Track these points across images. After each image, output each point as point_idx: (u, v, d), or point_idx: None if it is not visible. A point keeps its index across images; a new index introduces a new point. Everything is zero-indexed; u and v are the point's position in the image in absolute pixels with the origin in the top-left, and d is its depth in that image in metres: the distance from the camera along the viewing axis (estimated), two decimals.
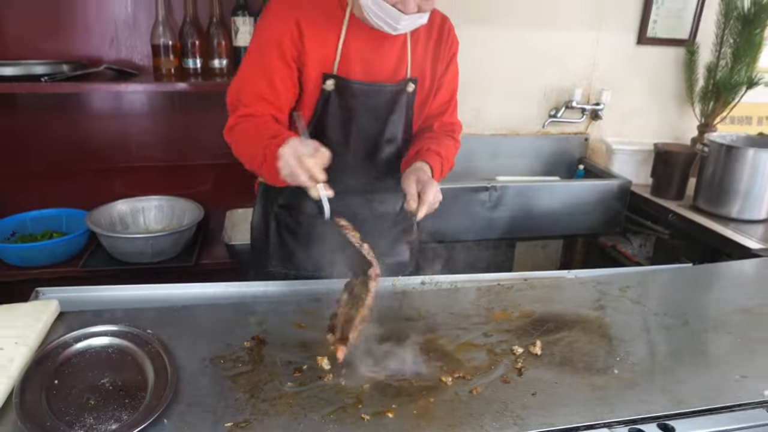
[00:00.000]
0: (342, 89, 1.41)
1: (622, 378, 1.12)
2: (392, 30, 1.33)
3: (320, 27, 1.37)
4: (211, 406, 0.99)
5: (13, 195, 2.30)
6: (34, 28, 2.15)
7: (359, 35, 1.39)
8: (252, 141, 1.32)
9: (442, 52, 1.52)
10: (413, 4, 1.27)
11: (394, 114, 1.48)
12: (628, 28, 2.69)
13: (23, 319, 1.17)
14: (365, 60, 1.42)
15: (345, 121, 1.45)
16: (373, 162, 1.52)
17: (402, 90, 1.47)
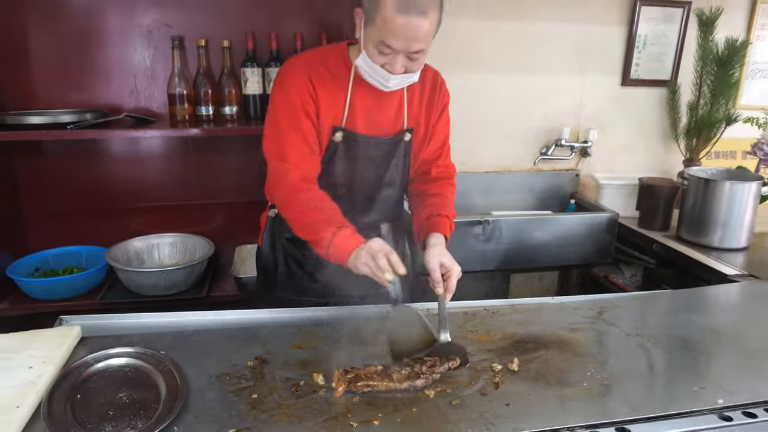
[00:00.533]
0: (348, 141, 1.58)
1: (590, 390, 1.22)
2: (384, 87, 1.49)
3: (330, 85, 1.53)
4: (217, 417, 1.10)
5: (36, 233, 2.46)
6: (61, 80, 2.35)
7: (363, 92, 1.55)
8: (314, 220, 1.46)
9: (434, 104, 1.67)
10: (399, 66, 1.41)
11: (393, 160, 1.65)
12: (612, 71, 2.86)
13: (49, 342, 1.30)
14: (368, 114, 1.58)
15: (350, 167, 1.61)
16: (373, 201, 1.68)
17: (400, 140, 1.63)
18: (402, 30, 1.34)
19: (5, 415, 1.03)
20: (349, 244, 1.39)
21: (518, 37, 2.73)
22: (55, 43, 2.31)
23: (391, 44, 1.37)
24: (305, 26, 2.42)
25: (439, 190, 1.72)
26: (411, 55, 1.41)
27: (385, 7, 1.33)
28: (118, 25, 2.35)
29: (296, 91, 1.51)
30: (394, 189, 1.70)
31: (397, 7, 1.32)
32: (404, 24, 1.33)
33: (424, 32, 1.37)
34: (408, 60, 1.42)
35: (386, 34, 1.36)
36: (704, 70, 2.71)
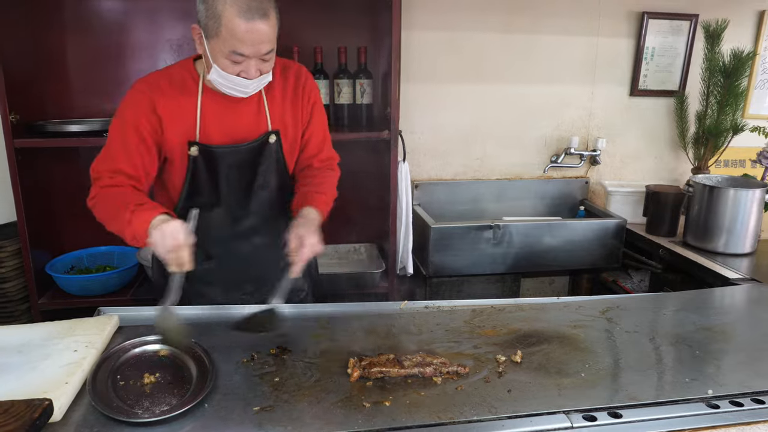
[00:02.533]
0: (206, 154, 1.56)
1: (587, 380, 1.31)
2: (243, 94, 1.52)
3: (176, 101, 1.53)
4: (243, 396, 1.21)
5: (72, 234, 2.60)
6: (97, 90, 2.50)
7: (214, 101, 1.56)
8: (116, 206, 1.44)
9: (301, 101, 1.67)
10: (254, 70, 1.45)
11: (262, 165, 1.63)
12: (620, 82, 2.95)
13: (91, 329, 1.42)
14: (224, 123, 1.58)
15: (214, 180, 1.60)
16: (248, 209, 1.67)
17: (264, 143, 1.62)
18: (249, 36, 1.38)
19: (56, 390, 1.15)
20: (147, 218, 1.36)
21: (529, 49, 2.84)
22: (91, 56, 2.47)
23: (243, 51, 1.40)
24: (325, 40, 2.55)
25: (317, 174, 1.73)
26: (263, 57, 1.44)
27: (229, 18, 1.36)
28: (149, 39, 2.50)
29: (130, 110, 1.52)
30: (269, 192, 1.68)
31: (240, 15, 1.36)
32: (250, 29, 1.37)
33: (270, 33, 1.41)
34: (261, 62, 1.45)
35: (235, 43, 1.39)
36: (711, 81, 2.78)
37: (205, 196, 1.62)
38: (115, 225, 1.45)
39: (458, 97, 2.85)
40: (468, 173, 2.96)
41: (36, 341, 1.35)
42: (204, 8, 1.41)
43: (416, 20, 2.70)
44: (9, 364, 1.25)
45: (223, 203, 1.65)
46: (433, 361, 1.33)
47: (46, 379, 1.19)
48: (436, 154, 2.91)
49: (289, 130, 1.68)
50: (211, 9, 1.39)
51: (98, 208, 1.52)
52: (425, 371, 1.30)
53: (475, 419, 1.15)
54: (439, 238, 2.50)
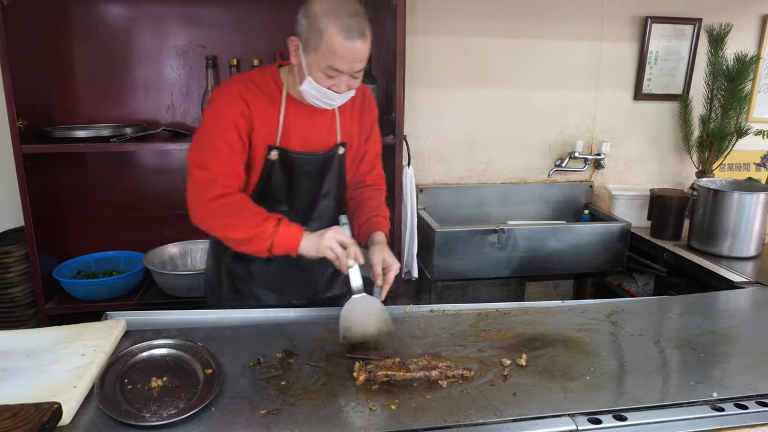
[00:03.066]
0: (284, 158, 1.65)
1: (592, 383, 1.31)
2: (328, 106, 1.60)
3: (263, 106, 1.60)
4: (249, 399, 1.22)
5: (79, 239, 2.62)
6: (103, 96, 2.52)
7: (296, 110, 1.63)
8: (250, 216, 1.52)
9: (365, 118, 1.77)
10: (344, 86, 1.53)
11: (329, 173, 1.73)
12: (624, 86, 2.95)
13: (99, 333, 1.44)
14: (302, 132, 1.65)
15: (287, 183, 1.69)
16: (312, 213, 1.76)
17: (334, 154, 1.72)
18: (348, 54, 1.46)
19: (65, 393, 1.17)
20: (297, 231, 1.50)
21: (533, 54, 2.85)
22: (98, 63, 2.49)
23: (339, 67, 1.47)
24: None
25: (372, 194, 1.81)
26: (354, 74, 1.52)
27: (331, 35, 1.43)
28: (155, 45, 2.53)
29: (228, 108, 1.57)
30: (331, 200, 1.77)
31: (342, 34, 1.43)
32: (349, 48, 1.45)
33: (365, 53, 1.49)
34: (351, 79, 1.53)
35: (333, 59, 1.46)
36: (715, 85, 2.79)
37: (274, 199, 1.70)
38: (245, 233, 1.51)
39: (462, 102, 2.86)
40: (472, 177, 2.97)
41: (44, 345, 1.36)
42: (306, 23, 1.47)
43: (420, 25, 2.72)
44: (18, 369, 1.27)
45: (291, 208, 1.72)
46: (438, 365, 1.33)
47: (54, 383, 1.21)
48: (440, 159, 2.92)
49: (354, 143, 1.77)
50: (314, 24, 1.45)
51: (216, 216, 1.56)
52: (431, 375, 1.31)
53: (480, 422, 1.16)
54: (444, 242, 2.51)
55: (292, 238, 1.50)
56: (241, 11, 2.54)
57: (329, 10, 1.44)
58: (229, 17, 2.54)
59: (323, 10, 1.44)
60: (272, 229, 1.49)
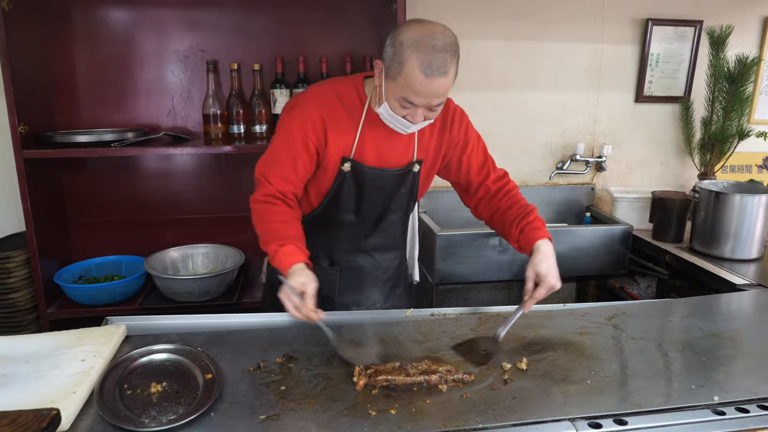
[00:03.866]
0: (357, 171, 1.64)
1: (593, 387, 1.31)
2: (403, 132, 1.58)
3: (342, 118, 1.60)
4: (249, 404, 1.22)
5: (80, 244, 2.63)
6: (105, 101, 2.52)
7: (374, 125, 1.61)
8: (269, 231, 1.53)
9: (447, 133, 1.72)
10: (420, 117, 1.49)
11: (401, 189, 1.72)
12: (625, 88, 2.95)
13: (99, 338, 1.43)
14: (378, 148, 1.64)
15: (358, 196, 1.68)
16: (379, 225, 1.77)
17: (409, 171, 1.70)
18: (425, 90, 1.42)
19: (64, 399, 1.17)
20: (286, 264, 1.44)
21: (534, 57, 2.85)
22: (99, 67, 2.49)
23: (414, 101, 1.45)
24: (330, 51, 2.56)
25: (508, 201, 1.77)
26: (432, 107, 1.49)
27: (410, 69, 1.40)
28: (157, 50, 2.53)
29: (299, 122, 1.58)
30: (400, 214, 1.79)
31: (422, 69, 1.39)
32: (427, 84, 1.41)
33: (445, 90, 1.45)
34: (428, 111, 1.50)
35: (409, 93, 1.44)
36: (716, 87, 2.78)
37: (344, 209, 1.71)
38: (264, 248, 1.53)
39: (463, 105, 2.81)
40: None
41: (44, 351, 1.37)
42: (391, 51, 1.45)
43: None
44: (17, 374, 1.27)
45: (358, 219, 1.73)
46: (438, 369, 1.33)
47: (54, 389, 1.21)
48: None
49: (430, 159, 1.74)
50: (398, 54, 1.42)
51: (256, 218, 1.59)
52: (431, 379, 1.31)
53: (480, 427, 1.16)
54: (445, 246, 2.50)
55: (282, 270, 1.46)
56: (242, 16, 2.54)
57: (414, 43, 1.40)
58: (230, 22, 2.54)
59: (408, 41, 1.41)
60: (272, 254, 1.48)
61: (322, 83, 1.69)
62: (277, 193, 1.58)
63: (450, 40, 1.44)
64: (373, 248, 1.81)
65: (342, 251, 1.79)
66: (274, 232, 1.51)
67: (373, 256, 1.82)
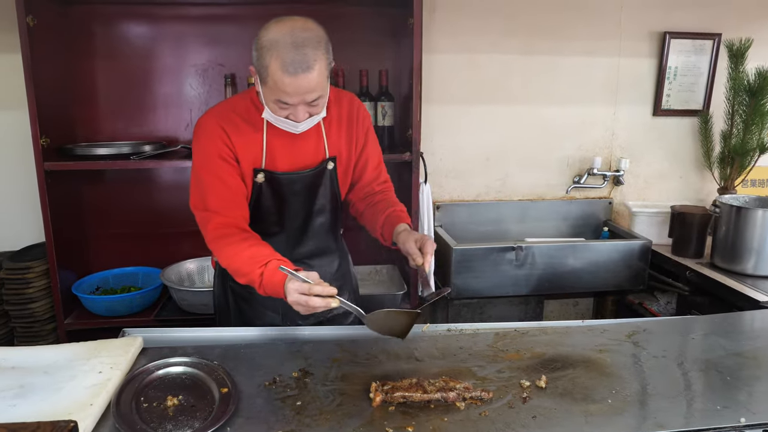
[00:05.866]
0: (271, 180, 1.62)
1: (615, 407, 1.28)
2: (294, 131, 1.55)
3: (244, 131, 1.58)
4: (265, 419, 1.21)
5: (98, 255, 2.65)
6: (124, 114, 2.57)
7: (279, 132, 1.58)
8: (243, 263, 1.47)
9: (355, 129, 1.72)
10: (302, 114, 1.48)
11: (320, 189, 1.70)
12: (643, 101, 2.93)
13: (116, 350, 1.44)
14: (287, 152, 1.62)
15: (278, 204, 1.66)
16: (307, 231, 1.74)
17: (323, 169, 1.68)
18: (293, 88, 1.41)
19: (81, 411, 1.17)
20: (278, 280, 1.41)
21: (551, 71, 2.84)
22: (119, 81, 2.53)
23: (287, 101, 1.44)
24: (347, 65, 2.58)
25: (382, 197, 1.78)
26: (310, 103, 1.47)
27: (273, 70, 1.39)
28: (176, 64, 2.56)
29: (209, 141, 1.56)
30: (326, 216, 1.75)
31: (284, 70, 1.38)
32: (293, 83, 1.40)
33: (315, 84, 1.42)
34: (309, 107, 1.48)
35: (280, 94, 1.43)
36: (736, 100, 2.75)
37: (267, 222, 1.68)
38: (243, 280, 1.50)
39: (479, 119, 2.85)
40: (490, 194, 2.95)
41: (62, 362, 1.37)
42: (256, 55, 1.45)
43: (437, 43, 2.72)
44: (35, 385, 1.27)
45: (284, 229, 1.71)
46: (456, 386, 1.31)
47: (71, 401, 1.21)
48: (457, 175, 2.91)
49: (344, 156, 1.73)
50: (260, 59, 1.42)
51: (223, 258, 1.55)
52: (448, 396, 1.29)
53: None
54: (461, 260, 2.49)
55: (276, 288, 1.42)
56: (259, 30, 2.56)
57: (273, 43, 1.40)
58: (247, 36, 2.54)
59: (267, 43, 1.40)
60: (258, 278, 1.43)
61: (217, 105, 1.66)
62: (225, 222, 1.54)
63: (311, 33, 1.42)
64: (306, 256, 1.76)
65: None
66: (251, 258, 1.47)
67: (309, 264, 1.76)
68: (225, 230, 1.53)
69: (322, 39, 1.45)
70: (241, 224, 1.57)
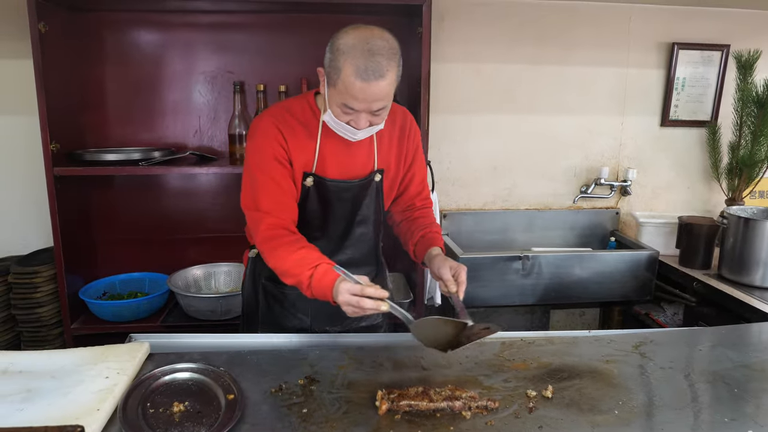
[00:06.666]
0: (319, 185, 1.63)
1: (621, 418, 1.27)
2: (351, 139, 1.56)
3: (300, 135, 1.59)
4: (271, 426, 1.21)
5: (105, 260, 2.66)
6: (133, 120, 2.58)
7: (332, 139, 1.60)
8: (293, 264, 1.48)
9: (405, 143, 1.73)
10: (364, 122, 1.49)
11: (365, 200, 1.70)
12: (651, 112, 2.93)
13: (123, 356, 1.44)
14: (338, 160, 1.63)
15: (323, 210, 1.67)
16: (347, 239, 1.74)
17: (371, 181, 1.69)
18: (362, 94, 1.41)
19: (88, 416, 1.17)
20: (328, 282, 1.41)
21: (559, 80, 2.85)
22: (128, 88, 2.55)
23: (353, 106, 1.44)
24: None
25: (422, 213, 1.80)
26: (373, 112, 1.47)
27: (346, 74, 1.40)
28: (185, 71, 2.58)
29: (265, 141, 1.57)
30: (368, 226, 1.75)
31: (357, 75, 1.39)
32: (364, 88, 1.40)
33: (384, 93, 1.44)
34: (372, 116, 1.49)
35: (348, 98, 1.43)
36: (744, 111, 2.75)
37: (310, 226, 1.68)
38: (292, 281, 1.51)
39: (487, 128, 2.86)
40: (497, 203, 2.95)
41: (69, 367, 1.37)
42: (329, 57, 1.45)
43: (445, 52, 2.74)
44: (42, 389, 1.28)
45: (325, 235, 1.71)
46: (462, 395, 1.31)
47: (78, 405, 1.21)
48: (464, 184, 2.91)
49: (392, 169, 1.74)
50: (334, 60, 1.43)
51: (273, 260, 1.55)
52: (454, 405, 1.29)
53: None
54: (467, 269, 2.48)
55: (325, 290, 1.43)
56: (269, 38, 2.59)
57: (349, 48, 1.40)
58: (256, 44, 2.59)
59: (344, 47, 1.41)
60: (308, 279, 1.45)
61: (273, 105, 1.67)
62: (276, 223, 1.56)
63: (387, 43, 1.43)
64: (344, 264, 1.68)
65: None
66: (301, 260, 1.48)
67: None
68: (275, 231, 1.54)
69: (396, 51, 1.46)
70: (291, 227, 1.58)
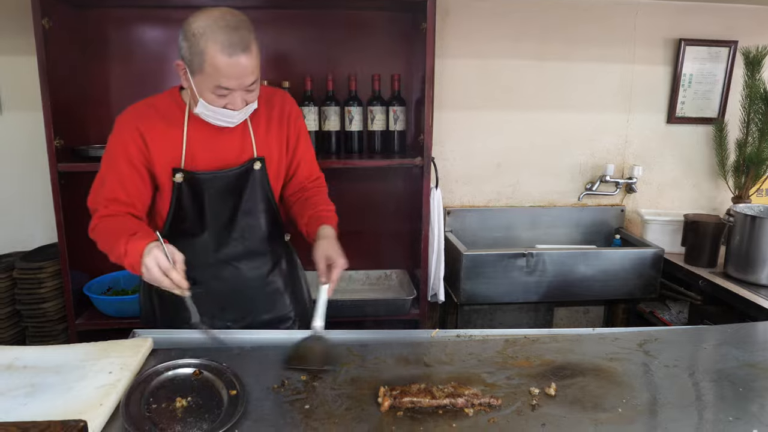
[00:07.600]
0: (191, 180, 1.59)
1: (625, 416, 1.27)
2: (230, 124, 1.55)
3: (162, 129, 1.56)
4: (273, 422, 1.21)
5: None
6: None
7: (200, 129, 1.58)
8: (112, 237, 1.47)
9: (287, 128, 1.71)
10: (240, 102, 1.49)
11: (247, 190, 1.65)
12: (657, 109, 2.91)
13: (126, 351, 1.44)
14: (209, 150, 1.60)
15: (199, 204, 1.63)
16: (233, 232, 1.68)
17: (249, 169, 1.64)
18: (233, 70, 1.42)
19: (91, 411, 1.17)
20: (140, 247, 1.38)
21: (564, 77, 2.83)
22: (132, 83, 2.56)
23: (228, 85, 1.44)
24: (360, 69, 2.59)
25: (313, 193, 1.76)
26: (247, 88, 1.48)
27: (211, 54, 1.40)
28: None
29: (118, 140, 1.56)
30: (256, 218, 1.70)
31: (223, 51, 1.39)
32: (233, 64, 1.41)
33: (252, 65, 1.45)
34: (246, 93, 1.49)
35: (220, 78, 1.43)
36: (752, 108, 2.73)
37: (189, 222, 1.65)
38: (114, 256, 1.48)
39: (491, 124, 2.85)
40: (501, 200, 2.95)
41: (73, 362, 1.38)
42: (187, 45, 1.44)
43: (450, 48, 2.73)
44: (46, 384, 1.28)
45: (207, 230, 1.67)
46: (464, 392, 1.31)
47: (81, 400, 1.21)
48: (468, 181, 2.90)
49: (275, 156, 1.70)
50: (194, 46, 1.42)
51: (98, 240, 1.55)
52: (457, 402, 1.28)
53: None
54: (471, 266, 2.48)
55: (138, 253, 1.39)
56: (272, 35, 2.58)
57: (206, 28, 1.40)
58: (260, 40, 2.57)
59: (201, 29, 1.41)
60: (122, 249, 1.42)
61: (135, 104, 1.64)
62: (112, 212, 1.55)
63: (241, 17, 1.45)
64: (233, 258, 1.71)
65: (202, 266, 1.68)
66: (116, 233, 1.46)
67: (237, 267, 1.72)
68: (104, 219, 1.54)
69: (250, 24, 1.47)
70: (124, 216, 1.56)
